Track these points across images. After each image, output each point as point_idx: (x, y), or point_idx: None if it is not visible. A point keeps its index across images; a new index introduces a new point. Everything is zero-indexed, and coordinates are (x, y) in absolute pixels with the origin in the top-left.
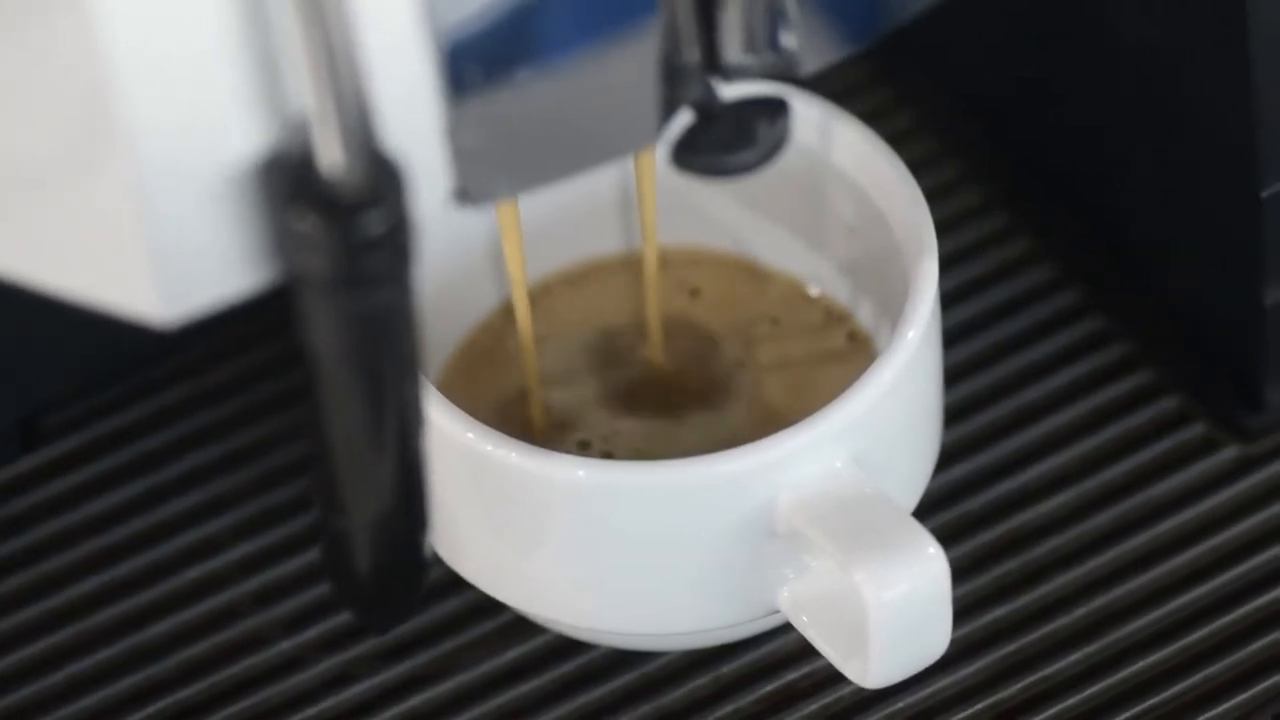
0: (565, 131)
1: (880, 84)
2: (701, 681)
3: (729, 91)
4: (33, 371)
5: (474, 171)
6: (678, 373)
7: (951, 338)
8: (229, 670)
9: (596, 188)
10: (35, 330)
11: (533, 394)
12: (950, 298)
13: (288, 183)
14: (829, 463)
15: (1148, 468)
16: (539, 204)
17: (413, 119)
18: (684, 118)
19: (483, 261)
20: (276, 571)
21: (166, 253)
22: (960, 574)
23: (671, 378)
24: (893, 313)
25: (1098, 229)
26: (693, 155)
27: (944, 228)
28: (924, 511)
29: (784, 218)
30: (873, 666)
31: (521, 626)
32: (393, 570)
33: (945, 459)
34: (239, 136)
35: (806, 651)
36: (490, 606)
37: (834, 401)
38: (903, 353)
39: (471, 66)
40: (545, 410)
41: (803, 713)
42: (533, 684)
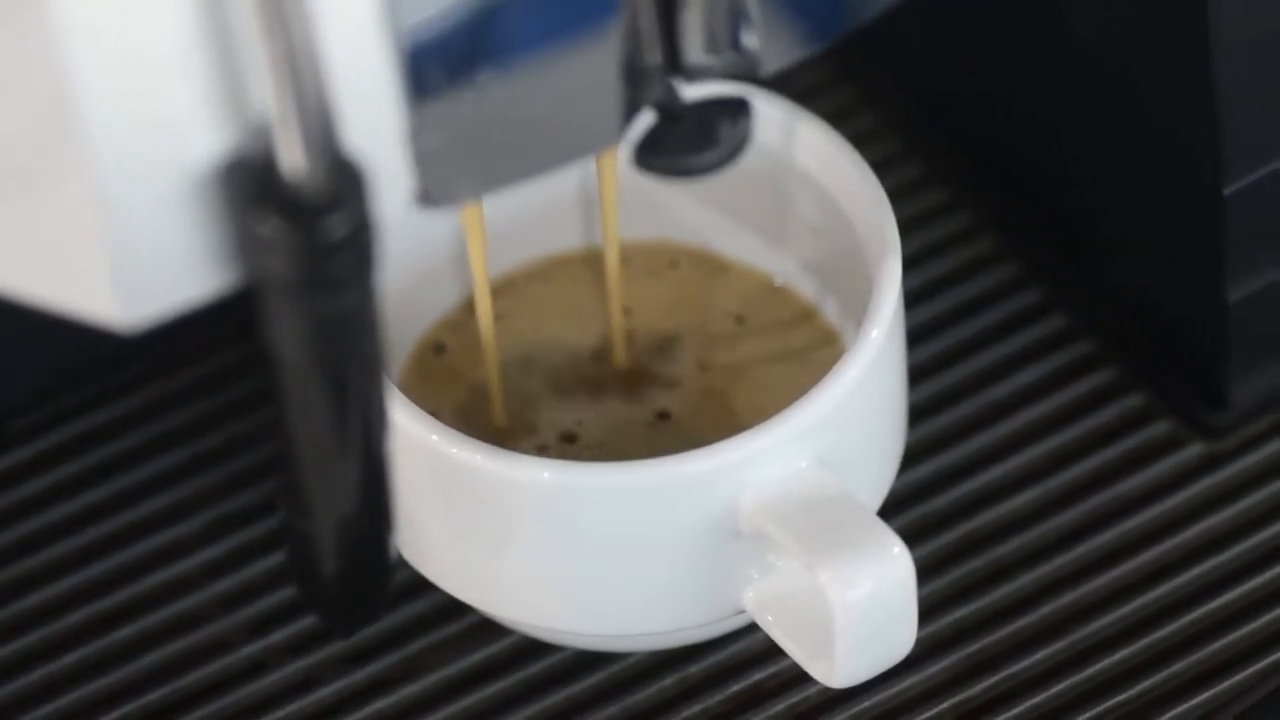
0: (527, 133)
1: (843, 84)
2: (668, 682)
3: (691, 92)
4: None
5: (436, 174)
6: (641, 371)
7: (915, 337)
8: (195, 674)
9: (558, 184)
10: (0, 335)
11: (494, 395)
12: (914, 297)
13: (250, 186)
14: (793, 463)
15: (1112, 466)
16: (501, 200)
17: (374, 121)
18: (646, 118)
19: (444, 257)
20: (242, 575)
21: (129, 257)
22: (925, 573)
23: (635, 376)
24: (857, 312)
25: (1060, 227)
26: (655, 156)
27: (907, 227)
28: (889, 511)
29: (747, 218)
30: (838, 666)
31: (487, 628)
32: (358, 573)
33: (910, 458)
34: (200, 140)
35: (772, 651)
36: (456, 608)
37: (798, 401)
38: (866, 352)
39: (433, 68)
40: (508, 409)
41: (769, 713)
42: (499, 685)
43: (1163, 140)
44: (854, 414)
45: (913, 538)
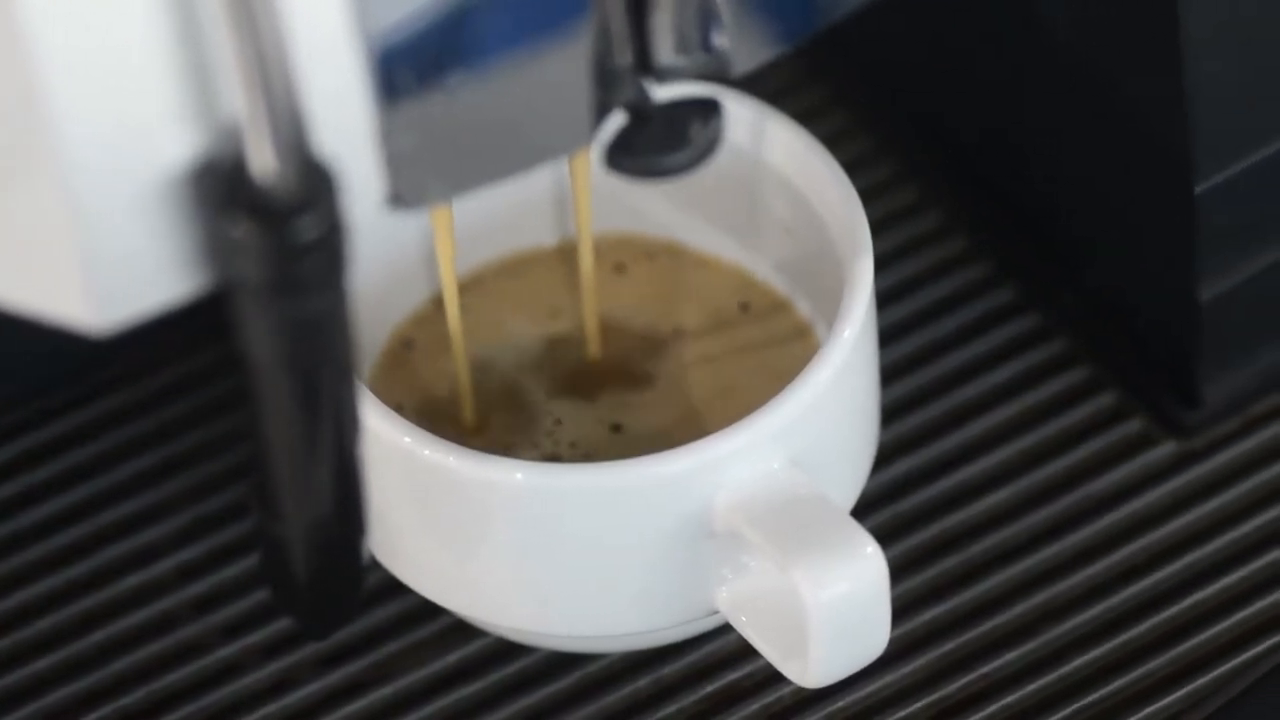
0: (498, 135)
1: (814, 84)
2: (642, 683)
3: (662, 93)
4: None
5: (407, 176)
6: (615, 368)
7: (887, 336)
8: (169, 677)
9: (531, 180)
10: None
11: (464, 396)
12: (886, 297)
13: (221, 189)
14: (766, 463)
15: (1084, 464)
16: (473, 195)
17: (345, 124)
18: (617, 119)
19: (414, 253)
20: (216, 578)
21: (100, 260)
22: (899, 572)
23: (609, 373)
24: (829, 311)
25: (1032, 226)
26: (626, 157)
27: (879, 227)
28: (862, 510)
29: (719, 218)
30: (812, 666)
31: (461, 630)
32: (331, 575)
33: (883, 458)
34: (171, 142)
35: (747, 652)
36: (429, 610)
37: (771, 402)
38: (839, 352)
39: (403, 71)
40: (478, 408)
41: (744, 713)
42: (474, 687)
43: (1134, 139)
44: (827, 414)
45: (886, 537)
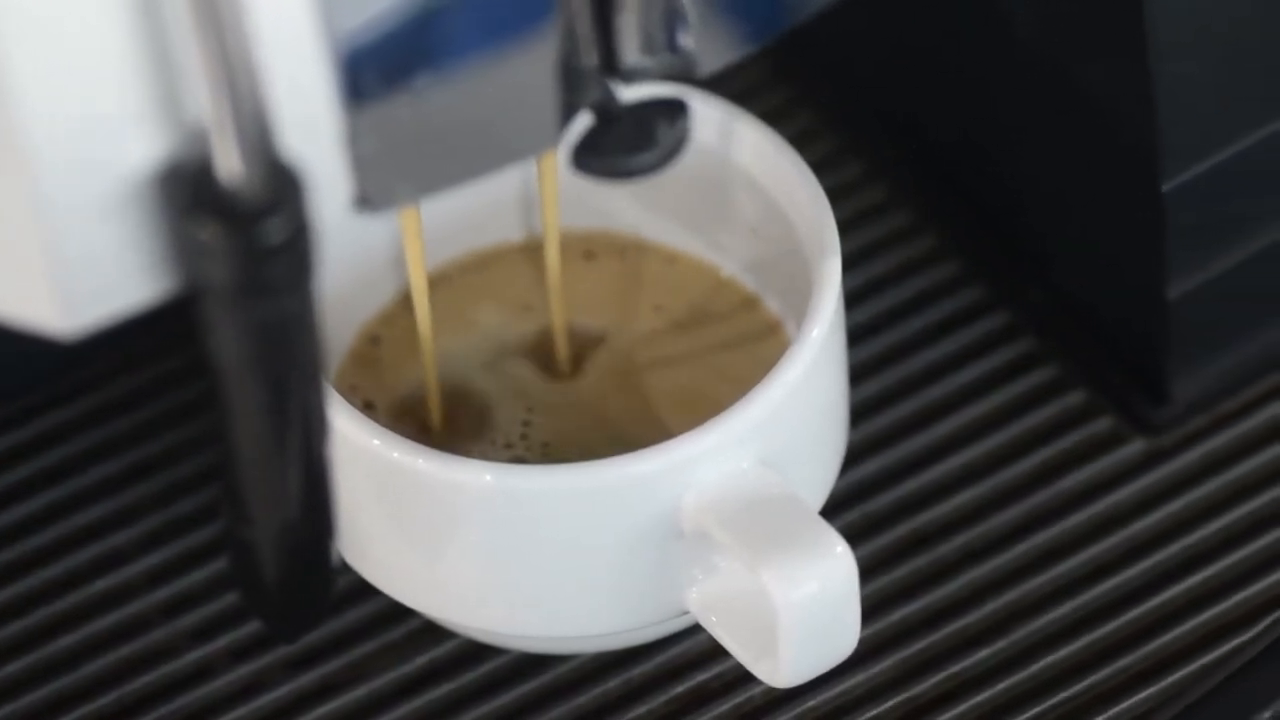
0: (465, 136)
1: (781, 84)
2: (612, 684)
3: (629, 93)
4: None
5: (374, 178)
6: (582, 365)
7: (856, 336)
8: (138, 681)
9: (497, 178)
10: None
11: (432, 397)
12: (854, 296)
13: (187, 191)
14: (735, 463)
15: (1053, 463)
16: (439, 197)
17: (312, 126)
18: (584, 120)
19: (382, 251)
20: (185, 581)
21: (67, 264)
22: (868, 572)
23: (577, 373)
24: (798, 311)
25: (1000, 225)
26: (593, 158)
27: (847, 226)
28: (831, 510)
29: (687, 219)
30: (783, 666)
31: (431, 631)
32: (300, 578)
33: (852, 457)
34: (138, 145)
35: (717, 652)
36: (399, 612)
37: (739, 402)
38: (807, 352)
39: (369, 73)
40: (447, 407)
41: (714, 713)
42: (444, 689)
43: (1101, 138)
44: (796, 414)
45: (855, 537)
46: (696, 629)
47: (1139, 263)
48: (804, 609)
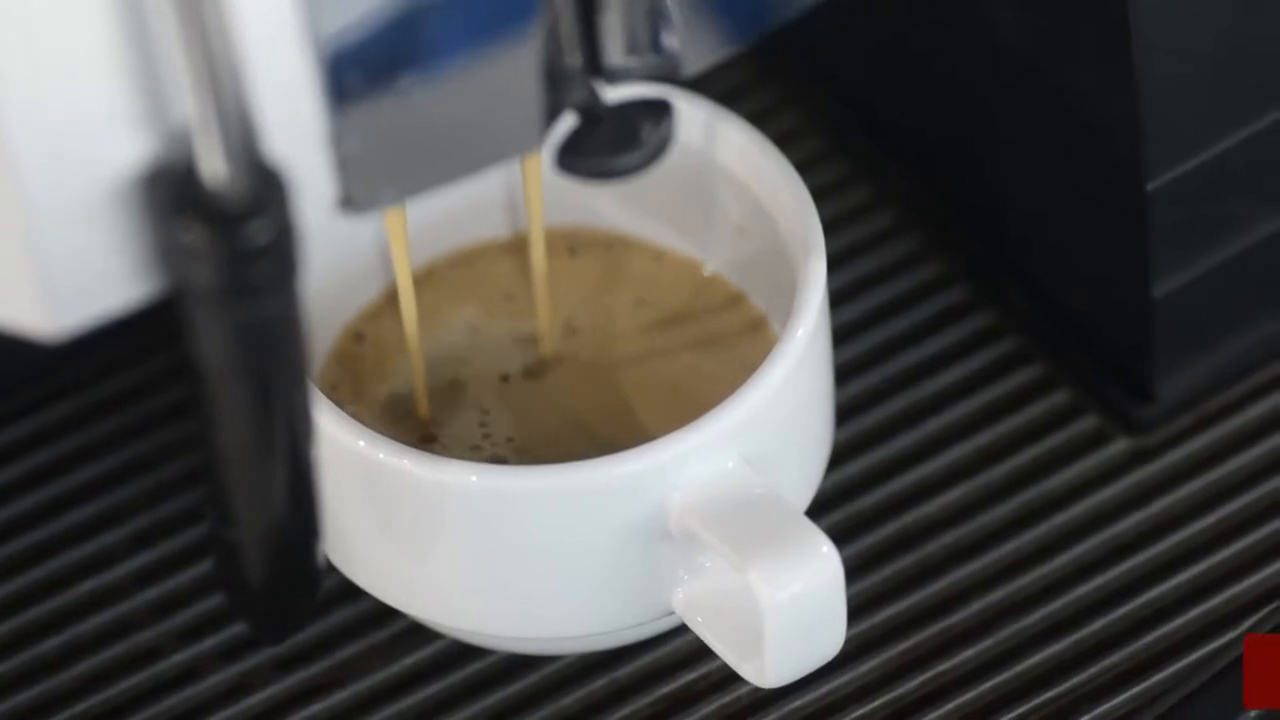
0: (449, 137)
1: (767, 84)
2: (598, 684)
3: (613, 94)
4: None
5: (358, 179)
6: (566, 363)
7: (840, 336)
8: (125, 682)
9: (482, 176)
10: None
11: (419, 397)
12: (839, 296)
13: (171, 194)
14: (720, 463)
15: (1039, 462)
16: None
17: (296, 127)
18: (568, 121)
19: (366, 249)
20: (171, 583)
21: (52, 266)
22: (854, 572)
23: (560, 367)
24: (783, 311)
25: (985, 225)
26: (577, 158)
27: (832, 226)
28: (817, 510)
29: (673, 219)
30: (768, 667)
31: (417, 633)
32: (286, 580)
33: (837, 457)
34: (122, 148)
35: (703, 652)
36: (385, 613)
37: (724, 402)
38: (793, 351)
39: (353, 74)
40: (432, 408)
41: (700, 713)
42: (429, 690)
43: (1085, 137)
44: (781, 414)
45: (841, 537)
46: (683, 629)
47: (1123, 262)
48: (790, 609)
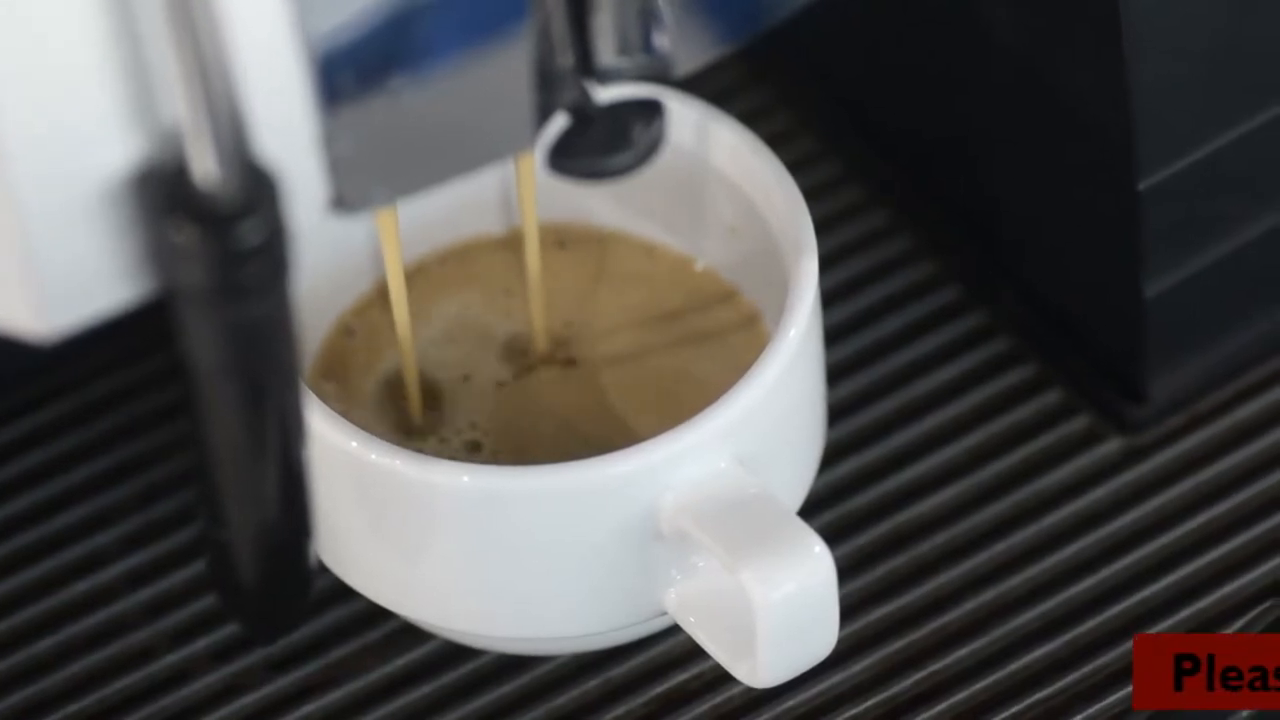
0: (441, 138)
1: (758, 85)
2: (591, 685)
3: (604, 94)
4: None
5: (350, 179)
6: (559, 360)
7: (833, 336)
8: (118, 683)
9: (476, 175)
10: None
11: (411, 391)
12: (831, 296)
13: (163, 194)
14: (713, 463)
15: (1031, 462)
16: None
17: (287, 128)
18: (560, 121)
19: (357, 244)
20: (164, 584)
21: (44, 267)
22: (847, 572)
23: (552, 365)
24: (775, 311)
25: (978, 225)
26: (569, 159)
27: (824, 226)
28: (809, 510)
29: (664, 219)
30: (761, 667)
31: (410, 633)
32: (278, 580)
33: (829, 457)
34: (113, 149)
35: (696, 652)
36: (378, 614)
37: (717, 402)
38: (785, 351)
39: (345, 75)
40: (425, 405)
41: (693, 713)
42: (422, 690)
43: (1078, 137)
44: (773, 414)
45: (834, 537)
46: (676, 629)
47: (1116, 261)
48: (783, 609)
